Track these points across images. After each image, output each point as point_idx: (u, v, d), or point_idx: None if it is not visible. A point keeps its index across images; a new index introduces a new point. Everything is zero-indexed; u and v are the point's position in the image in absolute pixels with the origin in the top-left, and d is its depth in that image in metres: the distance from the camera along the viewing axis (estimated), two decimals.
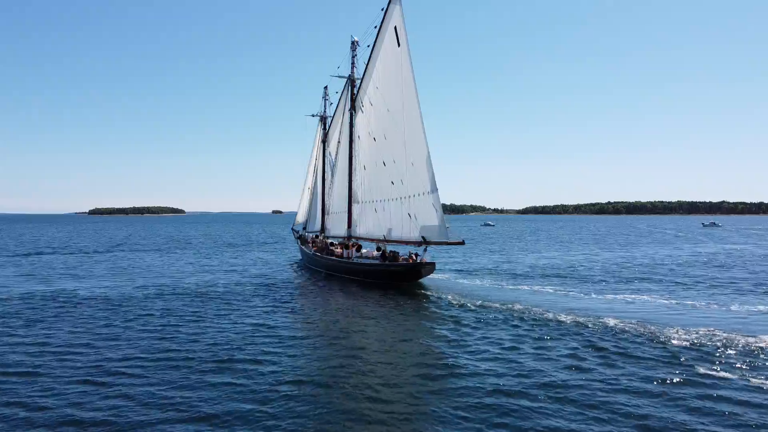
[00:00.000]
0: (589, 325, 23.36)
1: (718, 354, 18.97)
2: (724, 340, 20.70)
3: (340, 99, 48.50)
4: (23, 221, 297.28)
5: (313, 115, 59.43)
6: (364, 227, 41.67)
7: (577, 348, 19.86)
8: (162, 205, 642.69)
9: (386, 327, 24.36)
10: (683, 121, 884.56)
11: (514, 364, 18.12)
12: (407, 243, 37.01)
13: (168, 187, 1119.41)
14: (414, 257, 36.20)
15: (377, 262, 37.61)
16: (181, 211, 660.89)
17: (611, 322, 23.86)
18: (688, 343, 20.30)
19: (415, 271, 35.13)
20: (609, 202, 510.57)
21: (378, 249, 39.38)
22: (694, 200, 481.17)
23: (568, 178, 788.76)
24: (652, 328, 22.78)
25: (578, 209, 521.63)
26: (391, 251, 38.05)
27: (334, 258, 42.00)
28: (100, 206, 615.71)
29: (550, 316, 25.32)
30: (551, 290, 33.97)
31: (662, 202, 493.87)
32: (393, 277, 35.76)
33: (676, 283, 37.53)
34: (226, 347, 20.22)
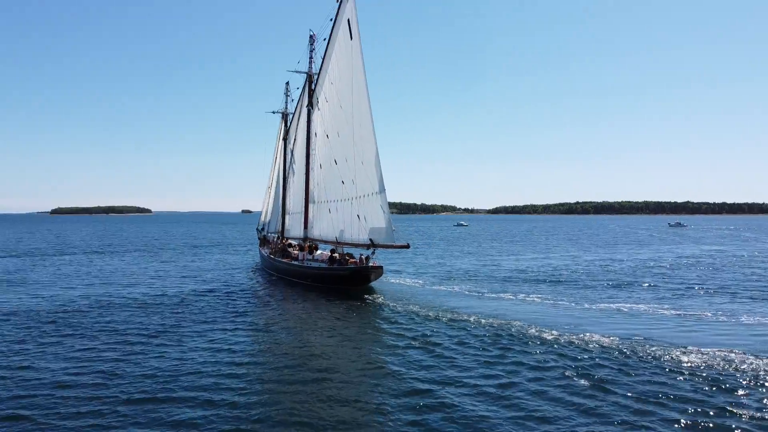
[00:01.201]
0: (576, 342, 20.25)
1: (745, 384, 15.95)
2: (747, 363, 17.71)
3: (300, 95, 46.87)
4: None
5: (273, 112, 57.88)
6: (318, 228, 40.04)
7: (570, 377, 16.63)
8: (129, 205, 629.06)
9: (323, 341, 21.66)
10: (649, 123, 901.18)
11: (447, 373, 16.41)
12: (356, 245, 35.21)
13: (136, 186, 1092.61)
14: (365, 260, 33.94)
15: (325, 265, 35.45)
16: (148, 211, 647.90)
17: (605, 340, 20.69)
18: (707, 368, 17.25)
19: (362, 276, 33.11)
20: (578, 202, 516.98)
21: (332, 251, 37.02)
22: (660, 200, 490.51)
23: (538, 179, 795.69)
24: (660, 348, 19.65)
25: (548, 209, 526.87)
26: (345, 254, 36.04)
27: (284, 261, 40.28)
28: (63, 206, 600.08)
29: (533, 331, 22.10)
30: (537, 299, 30.85)
31: (629, 202, 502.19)
32: (338, 281, 33.91)
33: (671, 290, 34.82)
34: (161, 377, 16.52)
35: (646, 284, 37.46)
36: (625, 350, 19.26)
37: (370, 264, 33.57)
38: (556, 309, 27.89)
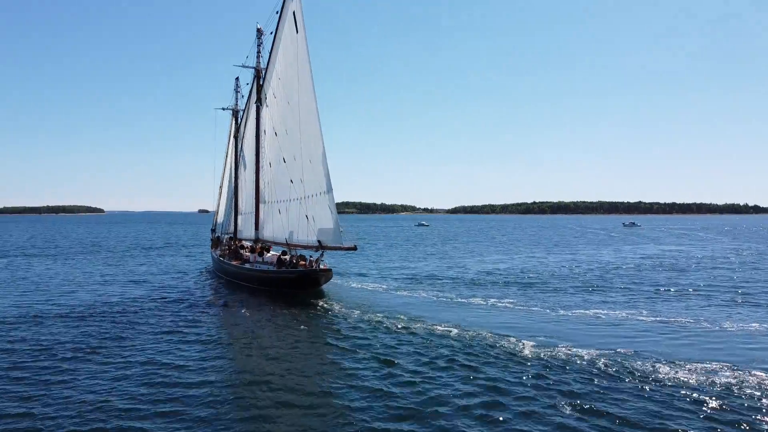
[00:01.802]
0: (557, 355, 18.48)
1: (744, 399, 14.44)
2: (740, 377, 16.27)
3: (250, 91, 45.03)
4: None
5: (223, 108, 54.94)
6: (269, 229, 38.55)
7: (554, 395, 14.82)
8: (79, 204, 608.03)
9: (265, 358, 19.29)
10: (601, 124, 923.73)
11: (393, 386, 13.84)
12: (306, 247, 34.13)
13: (87, 185, 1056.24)
14: (314, 263, 32.58)
15: (272, 268, 34.11)
16: (101, 210, 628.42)
17: (588, 353, 18.97)
18: (701, 384, 15.70)
19: (310, 279, 31.96)
20: (534, 202, 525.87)
21: (283, 253, 35.50)
22: (614, 200, 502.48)
23: (495, 179, 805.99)
24: (647, 362, 18.07)
25: (506, 209, 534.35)
26: (298, 256, 34.38)
27: (233, 264, 38.88)
28: (8, 205, 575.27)
29: (508, 343, 20.23)
30: (509, 305, 29.12)
31: (584, 202, 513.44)
32: (285, 284, 32.62)
33: (644, 293, 33.66)
34: (90, 403, 13.91)
35: (618, 287, 36.32)
36: (610, 364, 17.54)
37: (320, 267, 32.14)
38: (529, 316, 26.18)
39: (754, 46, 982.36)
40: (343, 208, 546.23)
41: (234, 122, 54.49)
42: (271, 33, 37.03)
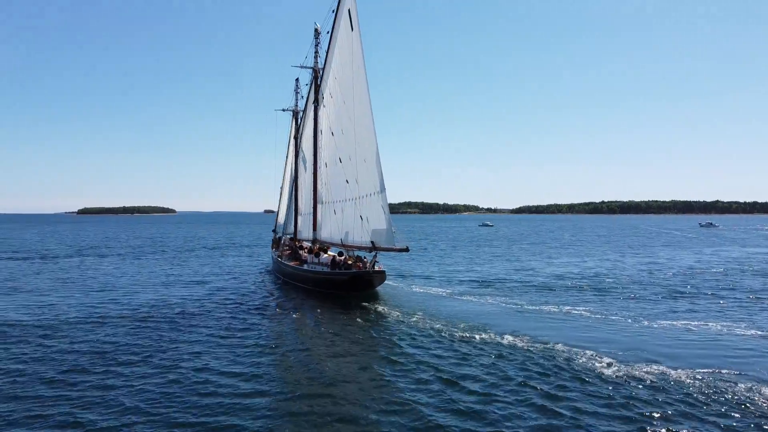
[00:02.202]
0: (648, 379, 16.16)
1: None
2: None
3: (308, 92, 44.81)
4: (7, 221, 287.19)
5: (284, 110, 54.83)
6: (327, 230, 38.04)
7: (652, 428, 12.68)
8: (153, 205, 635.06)
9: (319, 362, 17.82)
10: (676, 120, 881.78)
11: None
12: (359, 248, 33.62)
13: (161, 186, 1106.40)
14: (369, 264, 31.66)
15: (326, 269, 33.39)
16: (172, 211, 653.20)
17: (685, 374, 16.57)
18: None
19: (363, 281, 31.17)
20: (603, 202, 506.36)
21: (339, 254, 34.83)
22: (688, 199, 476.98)
23: (560, 178, 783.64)
24: (757, 388, 15.60)
25: (572, 209, 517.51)
26: (356, 257, 33.62)
27: (289, 265, 38.62)
28: (90, 206, 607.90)
29: (586, 360, 18.06)
30: (585, 313, 26.70)
31: (656, 201, 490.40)
32: (338, 286, 31.95)
33: (739, 301, 30.37)
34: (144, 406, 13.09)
35: (707, 294, 33.04)
36: (710, 388, 15.21)
37: (375, 268, 31.32)
38: (609, 327, 23.73)
39: None
40: (405, 208, 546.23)
41: (294, 123, 54.33)
42: (328, 32, 36.74)
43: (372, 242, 32.02)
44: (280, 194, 58.22)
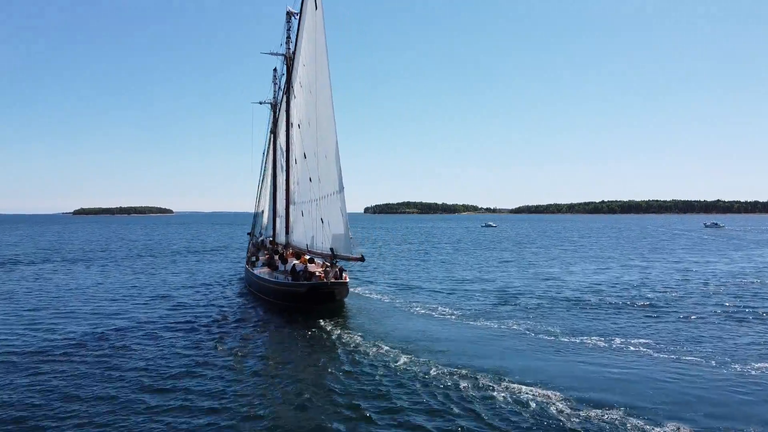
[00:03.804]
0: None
1: None
2: None
3: (281, 81, 40.17)
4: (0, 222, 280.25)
5: (261, 102, 49.98)
6: (297, 233, 33.83)
7: None
8: (150, 205, 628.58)
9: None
10: (676, 120, 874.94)
11: None
12: (320, 255, 29.47)
13: (159, 186, 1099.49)
14: (335, 273, 27.46)
15: (287, 280, 28.76)
16: (169, 211, 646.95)
17: None
18: None
19: (322, 293, 26.60)
20: (603, 201, 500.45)
21: (311, 261, 30.77)
22: (689, 199, 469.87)
23: (560, 177, 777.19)
24: None
25: (572, 209, 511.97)
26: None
27: (254, 273, 33.47)
28: (86, 206, 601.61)
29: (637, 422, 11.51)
30: (641, 347, 20.06)
31: (657, 201, 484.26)
32: (294, 299, 27.35)
33: None
34: None
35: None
36: None
37: (340, 278, 27.36)
38: (693, 378, 17.11)
39: None
40: (404, 208, 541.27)
41: (273, 116, 48.69)
42: (296, 15, 33.44)
43: (332, 249, 27.75)
44: (259, 193, 52.25)
